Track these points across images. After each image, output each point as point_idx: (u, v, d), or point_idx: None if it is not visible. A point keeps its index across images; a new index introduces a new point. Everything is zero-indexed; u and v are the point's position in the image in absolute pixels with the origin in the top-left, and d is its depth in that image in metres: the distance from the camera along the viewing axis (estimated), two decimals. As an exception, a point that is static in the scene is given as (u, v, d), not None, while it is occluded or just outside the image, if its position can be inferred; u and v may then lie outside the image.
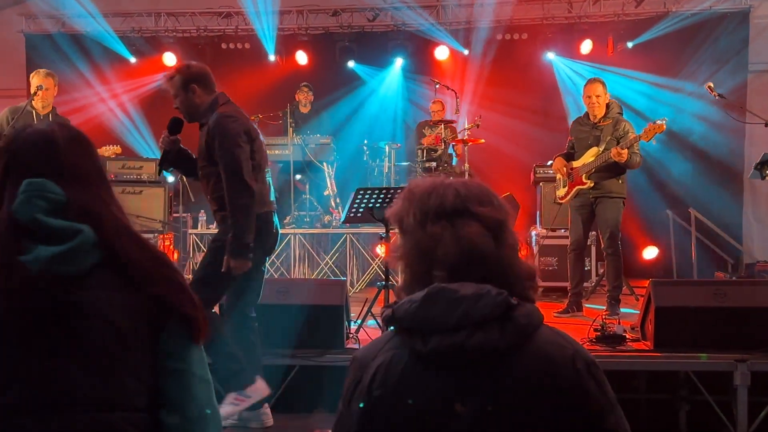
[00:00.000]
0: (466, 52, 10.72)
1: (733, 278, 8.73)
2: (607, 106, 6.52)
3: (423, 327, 1.55)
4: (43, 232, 1.59)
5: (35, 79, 6.72)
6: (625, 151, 6.11)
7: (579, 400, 1.54)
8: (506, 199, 8.83)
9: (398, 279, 1.73)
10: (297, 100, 9.79)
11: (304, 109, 9.77)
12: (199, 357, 1.75)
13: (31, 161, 1.69)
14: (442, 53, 10.75)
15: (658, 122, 6.03)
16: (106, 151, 7.18)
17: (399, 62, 10.94)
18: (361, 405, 1.59)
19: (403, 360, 1.58)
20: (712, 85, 5.92)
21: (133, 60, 11.22)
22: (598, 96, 6.47)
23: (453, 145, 9.00)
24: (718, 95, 5.84)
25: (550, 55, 10.58)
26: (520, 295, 1.59)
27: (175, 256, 9.06)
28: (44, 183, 1.63)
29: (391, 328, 1.65)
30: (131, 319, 1.62)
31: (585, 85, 6.61)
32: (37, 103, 6.68)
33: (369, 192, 5.48)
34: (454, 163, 9.05)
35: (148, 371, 1.65)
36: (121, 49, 11.12)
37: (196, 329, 1.71)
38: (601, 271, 7.85)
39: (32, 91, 6.68)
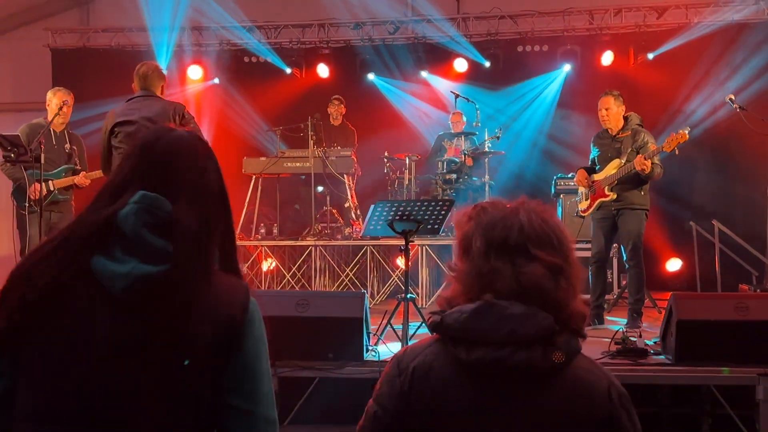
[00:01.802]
0: (486, 64, 10.73)
1: (757, 290, 8.62)
2: (626, 118, 6.51)
3: (470, 337, 1.60)
4: (141, 248, 1.55)
5: (57, 97, 6.78)
6: (648, 161, 6.09)
7: (610, 428, 1.59)
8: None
9: (445, 289, 1.74)
10: (329, 112, 9.86)
11: (335, 122, 9.84)
12: (268, 397, 1.65)
13: (162, 170, 1.65)
14: (462, 65, 10.78)
15: (681, 132, 6.00)
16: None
17: (420, 74, 10.98)
18: (398, 405, 1.63)
19: (443, 366, 1.63)
20: (733, 97, 5.89)
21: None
22: (607, 109, 6.48)
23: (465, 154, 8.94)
24: (739, 107, 5.80)
25: (566, 68, 10.58)
26: (565, 326, 1.63)
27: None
28: (157, 199, 1.59)
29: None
30: (194, 348, 1.55)
31: (599, 99, 6.62)
32: (57, 120, 6.76)
33: (388, 205, 5.50)
34: (474, 179, 9.01)
35: (206, 408, 1.57)
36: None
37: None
38: (624, 283, 7.79)
39: (55, 108, 6.74)
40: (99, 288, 1.52)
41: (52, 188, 6.68)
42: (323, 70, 11.10)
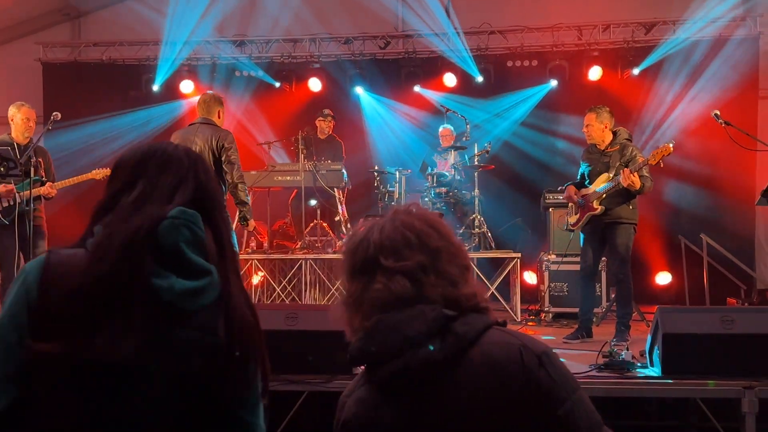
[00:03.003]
0: (479, 78, 10.79)
1: (745, 304, 8.69)
2: (615, 133, 6.58)
3: (373, 358, 1.61)
4: (180, 264, 1.55)
5: (21, 112, 6.81)
6: (636, 174, 6.14)
7: (533, 393, 1.55)
8: (515, 226, 8.95)
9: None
10: (317, 126, 9.88)
11: (322, 135, 9.86)
12: (260, 406, 1.73)
13: (186, 183, 1.67)
14: (451, 80, 10.85)
15: (665, 145, 6.05)
16: (98, 174, 7.26)
17: (409, 88, 11.04)
18: None
19: (370, 394, 1.65)
20: (718, 112, 5.94)
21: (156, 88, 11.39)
22: (588, 125, 6.59)
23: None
24: (725, 123, 5.85)
25: (553, 83, 10.68)
26: (464, 309, 1.61)
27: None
28: (196, 216, 1.61)
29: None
30: (215, 363, 1.58)
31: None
32: (19, 134, 6.79)
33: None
34: (464, 192, 9.06)
35: (217, 420, 1.62)
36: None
37: (267, 379, 1.74)
38: (612, 296, 7.83)
39: (20, 123, 6.79)
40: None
41: (18, 200, 6.64)
42: (314, 84, 11.15)
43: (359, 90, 11.21)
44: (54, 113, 6.74)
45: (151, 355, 1.51)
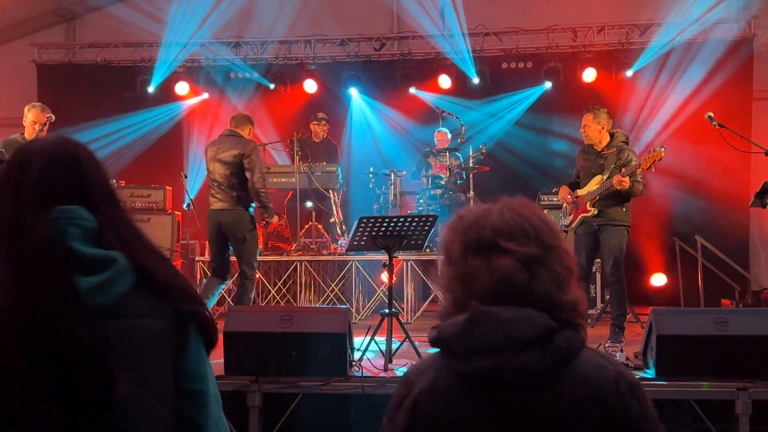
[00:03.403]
0: (475, 80, 10.81)
1: (739, 305, 8.71)
2: (612, 134, 6.58)
3: (466, 348, 1.58)
4: (79, 262, 1.53)
5: (32, 113, 6.74)
6: (627, 178, 6.15)
7: (622, 422, 1.55)
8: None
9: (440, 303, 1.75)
10: (312, 130, 9.88)
11: (317, 138, 9.87)
12: (212, 376, 1.73)
13: (56, 181, 1.62)
14: (446, 82, 10.86)
15: (657, 150, 6.07)
16: None
17: (405, 90, 11.05)
18: (405, 423, 1.62)
19: (447, 380, 1.61)
20: (712, 114, 5.94)
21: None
22: (585, 126, 6.58)
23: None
24: (718, 124, 5.87)
25: (548, 84, 10.71)
26: (562, 322, 1.60)
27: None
28: (76, 210, 1.57)
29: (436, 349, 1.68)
30: (160, 343, 1.58)
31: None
32: (30, 136, 6.73)
33: (372, 220, 5.53)
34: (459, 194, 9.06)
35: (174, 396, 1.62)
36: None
37: (212, 341, 1.72)
38: (607, 298, 7.84)
39: (29, 125, 6.70)
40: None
41: None
42: (309, 86, 11.16)
43: (354, 92, 11.22)
44: (48, 115, 6.73)
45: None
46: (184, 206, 8.51)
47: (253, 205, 6.84)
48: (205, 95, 11.39)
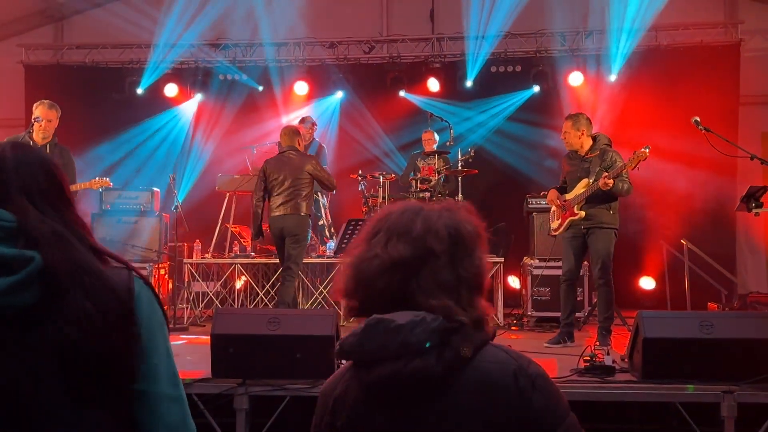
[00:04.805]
0: (468, 83, 10.83)
1: (726, 309, 8.75)
2: (595, 138, 6.62)
3: (366, 357, 1.59)
4: None
5: (37, 111, 6.75)
6: (611, 180, 6.19)
7: (524, 418, 1.54)
8: (499, 230, 8.97)
9: None
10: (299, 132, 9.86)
11: (305, 141, 9.83)
12: (168, 374, 1.62)
13: None
14: (435, 85, 10.88)
15: (642, 150, 6.10)
16: (95, 183, 7.24)
17: (394, 93, 11.06)
18: None
19: (354, 391, 1.63)
20: (698, 119, 5.97)
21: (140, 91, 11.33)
22: (565, 133, 6.64)
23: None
24: (704, 129, 5.90)
25: (536, 88, 10.74)
26: (461, 322, 1.59)
27: (170, 285, 9.09)
28: None
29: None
30: (90, 344, 1.49)
31: None
32: (37, 134, 6.72)
33: (360, 223, 5.53)
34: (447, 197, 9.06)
35: (118, 399, 1.54)
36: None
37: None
38: (594, 301, 7.86)
39: (36, 124, 6.69)
40: None
41: None
42: (299, 88, 11.15)
43: (340, 95, 11.22)
44: (35, 116, 6.70)
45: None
46: (173, 208, 8.48)
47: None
48: (195, 97, 11.36)
